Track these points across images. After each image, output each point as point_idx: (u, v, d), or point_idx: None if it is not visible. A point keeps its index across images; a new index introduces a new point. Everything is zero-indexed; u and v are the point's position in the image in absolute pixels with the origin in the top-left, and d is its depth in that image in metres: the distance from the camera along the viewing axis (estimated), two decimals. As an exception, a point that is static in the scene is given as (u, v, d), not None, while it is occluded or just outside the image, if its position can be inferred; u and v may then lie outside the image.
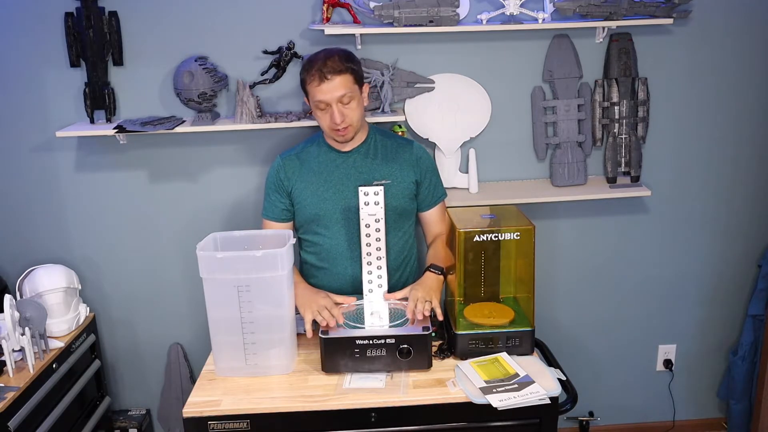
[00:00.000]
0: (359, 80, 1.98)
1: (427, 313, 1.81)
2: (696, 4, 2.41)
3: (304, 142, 2.16)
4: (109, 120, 2.39)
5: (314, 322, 1.83)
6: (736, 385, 2.76)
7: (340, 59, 1.93)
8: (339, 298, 1.94)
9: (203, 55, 2.35)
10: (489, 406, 1.60)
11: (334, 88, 1.90)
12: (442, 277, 1.98)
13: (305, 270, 2.17)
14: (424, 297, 1.85)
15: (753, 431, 2.72)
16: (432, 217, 2.17)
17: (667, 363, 2.83)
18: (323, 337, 1.71)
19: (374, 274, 1.86)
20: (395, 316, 1.83)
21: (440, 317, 1.84)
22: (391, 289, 2.01)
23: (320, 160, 2.07)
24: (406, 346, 1.70)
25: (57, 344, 2.25)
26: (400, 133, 2.32)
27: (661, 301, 2.77)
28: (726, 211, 2.68)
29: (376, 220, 1.79)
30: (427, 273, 1.99)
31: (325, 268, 2.09)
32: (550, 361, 1.86)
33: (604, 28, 2.40)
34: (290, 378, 1.75)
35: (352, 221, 2.02)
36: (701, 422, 2.93)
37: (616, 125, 2.50)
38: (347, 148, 2.07)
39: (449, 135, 2.47)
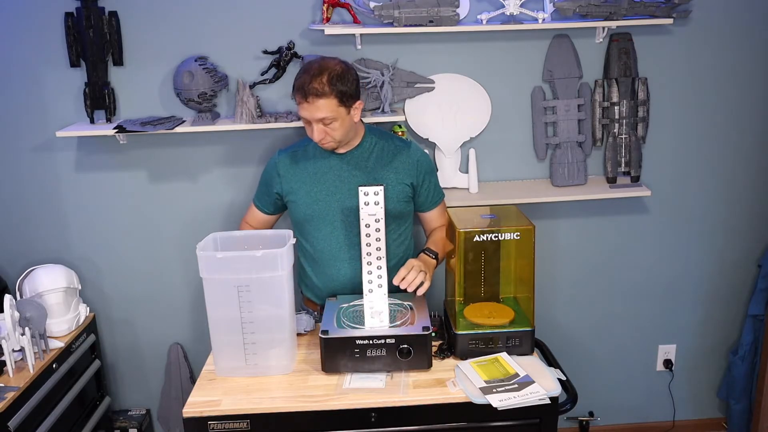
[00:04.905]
0: (347, 101, 1.92)
1: (416, 284, 1.84)
2: (696, 4, 2.41)
3: (305, 139, 2.16)
4: (109, 120, 2.39)
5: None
6: (736, 385, 2.76)
7: (329, 80, 1.88)
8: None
9: (203, 55, 2.35)
10: (489, 406, 1.60)
11: (315, 110, 1.89)
12: (434, 261, 2.00)
13: (302, 272, 2.17)
14: (420, 267, 1.88)
15: (753, 431, 2.72)
16: (432, 216, 2.17)
17: (667, 363, 2.83)
18: (323, 337, 1.71)
19: (374, 274, 1.86)
20: (395, 316, 1.83)
21: (423, 289, 1.86)
22: (392, 289, 2.02)
23: (315, 160, 2.08)
24: (406, 346, 1.70)
25: (57, 344, 2.25)
26: (399, 133, 2.32)
27: (661, 301, 2.77)
28: (726, 211, 2.68)
29: (376, 220, 1.79)
30: (421, 255, 2.01)
31: (320, 269, 2.09)
32: (550, 361, 1.86)
33: (604, 28, 2.40)
34: (290, 378, 1.75)
35: (346, 223, 2.02)
36: (701, 422, 2.93)
37: (616, 125, 2.50)
38: (344, 149, 2.07)
39: (449, 135, 2.47)
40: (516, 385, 1.65)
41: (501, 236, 1.80)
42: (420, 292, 1.86)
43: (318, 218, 2.05)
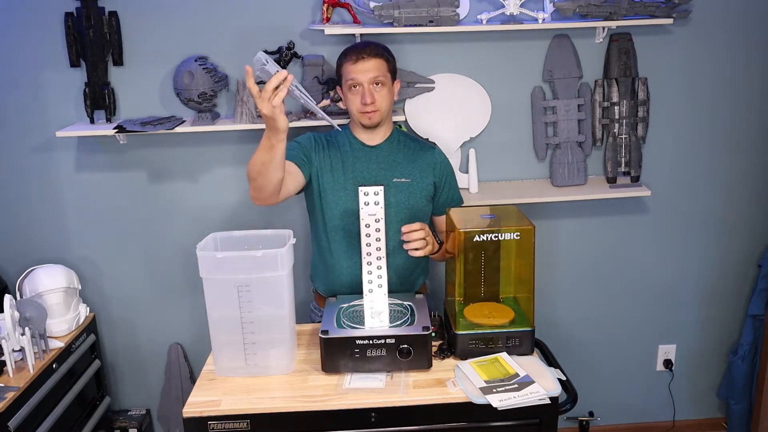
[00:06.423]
0: (393, 72, 2.06)
1: (416, 245, 1.89)
2: (696, 4, 2.41)
3: (333, 131, 2.15)
4: (109, 120, 2.39)
5: None
6: (736, 385, 2.76)
7: (378, 47, 2.03)
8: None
9: (203, 55, 2.35)
10: (489, 406, 1.60)
11: (369, 68, 1.98)
12: (439, 246, 2.00)
13: (318, 265, 2.18)
14: (429, 236, 1.93)
15: (753, 431, 2.72)
16: (444, 221, 2.18)
17: (667, 363, 2.83)
18: (323, 337, 1.71)
19: (374, 274, 1.86)
20: (395, 316, 1.83)
21: (417, 252, 1.90)
22: (406, 288, 2.10)
23: (345, 149, 2.09)
24: (406, 346, 1.70)
25: (57, 344, 2.25)
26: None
27: (661, 301, 2.77)
28: (726, 211, 2.68)
29: (376, 220, 1.79)
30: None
31: (339, 259, 2.09)
32: (550, 361, 1.86)
33: (604, 28, 2.40)
34: (290, 378, 1.75)
35: None
36: (701, 422, 2.93)
37: (616, 125, 2.50)
38: (373, 142, 2.09)
39: (449, 135, 2.47)
40: (516, 385, 1.65)
41: (501, 236, 1.80)
42: (413, 253, 1.90)
43: (343, 206, 2.05)
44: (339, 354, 1.71)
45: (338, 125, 2.25)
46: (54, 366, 2.20)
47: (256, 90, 1.64)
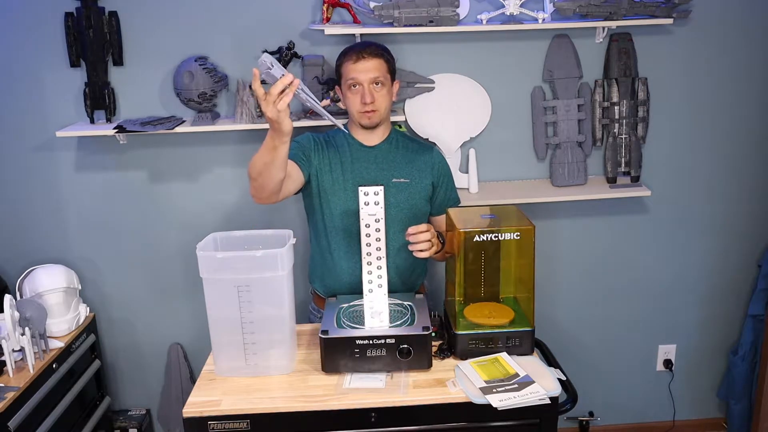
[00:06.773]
0: (392, 72, 2.06)
1: (422, 247, 1.89)
2: (696, 4, 2.41)
3: (331, 131, 2.16)
4: (109, 120, 2.39)
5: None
6: (736, 385, 2.76)
7: (378, 47, 2.03)
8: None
9: (203, 55, 2.35)
10: (489, 406, 1.60)
11: (369, 69, 1.98)
12: (441, 245, 2.00)
13: (317, 265, 2.17)
14: (434, 238, 1.93)
15: (753, 431, 2.72)
16: (442, 220, 2.17)
17: (667, 363, 2.83)
18: (323, 337, 1.71)
19: (374, 274, 1.86)
20: (395, 316, 1.83)
21: (422, 254, 1.91)
22: (407, 288, 2.11)
23: (344, 150, 2.09)
24: (406, 346, 1.70)
25: (57, 344, 2.26)
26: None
27: (661, 301, 2.77)
28: (726, 211, 2.68)
29: (376, 220, 1.79)
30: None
31: (339, 260, 2.09)
32: (550, 361, 1.86)
33: (604, 28, 2.40)
34: (290, 378, 1.75)
35: None
36: (701, 422, 2.93)
37: (616, 125, 2.50)
38: (371, 142, 2.09)
39: (449, 135, 2.47)
40: (516, 385, 1.65)
41: (501, 236, 1.80)
42: (418, 254, 1.91)
43: (342, 205, 2.05)
44: (339, 354, 1.71)
45: (343, 125, 2.26)
46: (54, 366, 2.20)
47: (261, 93, 1.62)
